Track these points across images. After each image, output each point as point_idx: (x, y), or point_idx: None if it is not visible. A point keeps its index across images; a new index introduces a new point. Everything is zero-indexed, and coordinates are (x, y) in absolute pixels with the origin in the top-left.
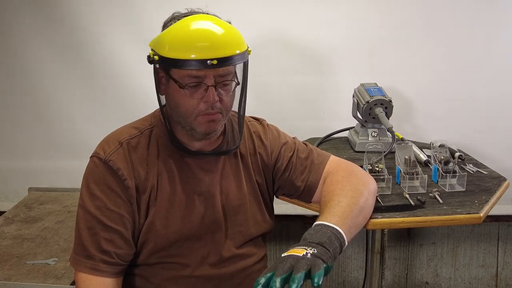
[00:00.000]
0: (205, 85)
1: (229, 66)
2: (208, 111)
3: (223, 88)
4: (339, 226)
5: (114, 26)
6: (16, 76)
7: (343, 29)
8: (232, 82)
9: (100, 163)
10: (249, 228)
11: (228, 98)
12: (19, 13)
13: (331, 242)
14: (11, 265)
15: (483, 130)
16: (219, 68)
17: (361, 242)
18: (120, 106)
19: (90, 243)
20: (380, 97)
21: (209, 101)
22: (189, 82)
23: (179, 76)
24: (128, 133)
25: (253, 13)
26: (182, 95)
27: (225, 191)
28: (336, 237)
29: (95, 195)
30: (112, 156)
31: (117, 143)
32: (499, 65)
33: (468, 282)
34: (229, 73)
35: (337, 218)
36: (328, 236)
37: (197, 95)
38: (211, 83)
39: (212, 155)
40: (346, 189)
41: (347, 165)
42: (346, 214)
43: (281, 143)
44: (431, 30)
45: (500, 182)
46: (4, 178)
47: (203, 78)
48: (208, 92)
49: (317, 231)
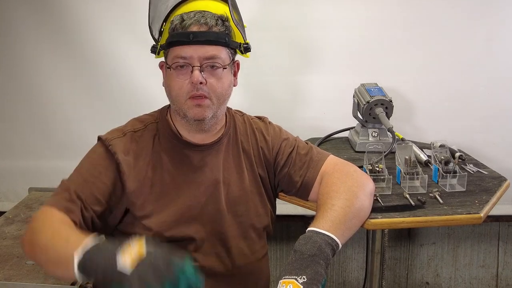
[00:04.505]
0: (190, 66)
1: (213, 49)
2: (194, 92)
3: (210, 71)
4: (332, 232)
5: (113, 26)
6: (16, 77)
7: (344, 29)
8: (221, 67)
9: (101, 146)
10: (251, 219)
11: (216, 83)
12: (17, 13)
13: (321, 251)
14: (11, 265)
15: (484, 130)
16: (204, 49)
17: (362, 242)
18: (121, 106)
19: (73, 192)
20: (380, 97)
21: (193, 81)
22: (176, 62)
23: (170, 58)
24: (132, 125)
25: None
26: (173, 77)
27: (227, 182)
28: (327, 243)
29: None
30: (114, 141)
31: (121, 132)
32: (499, 65)
33: (468, 282)
34: (216, 56)
35: (330, 223)
36: (318, 246)
37: (184, 76)
38: (195, 64)
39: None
40: (341, 191)
41: (343, 166)
42: (339, 219)
43: (282, 139)
44: (431, 30)
45: (500, 182)
46: (4, 178)
47: (189, 60)
48: (193, 72)
49: (307, 241)
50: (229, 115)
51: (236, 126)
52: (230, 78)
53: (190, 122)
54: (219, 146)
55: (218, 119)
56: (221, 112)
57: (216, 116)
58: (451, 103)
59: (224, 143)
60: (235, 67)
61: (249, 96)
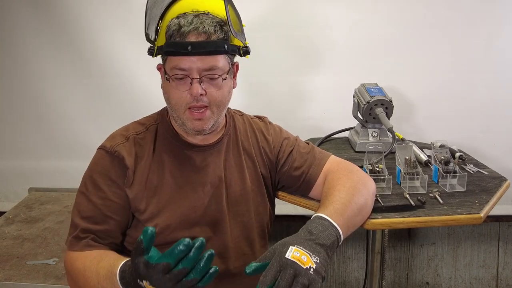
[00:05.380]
0: (190, 78)
1: (212, 59)
2: (194, 103)
3: (210, 82)
4: (340, 227)
5: (114, 27)
6: (16, 77)
7: (344, 29)
8: (220, 77)
9: (106, 154)
10: (251, 218)
11: (216, 92)
12: (18, 13)
13: (333, 246)
14: (11, 265)
15: (484, 130)
16: (203, 61)
17: (362, 242)
18: (121, 106)
19: (86, 226)
20: (380, 97)
21: (193, 93)
22: (175, 74)
23: (169, 68)
24: (134, 129)
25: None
26: (171, 87)
27: (228, 181)
28: (337, 239)
29: (98, 186)
30: (118, 147)
31: (124, 138)
32: (499, 65)
33: (468, 282)
34: (215, 67)
35: (340, 217)
36: (332, 240)
37: (183, 87)
38: (194, 76)
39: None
40: (347, 185)
41: (347, 165)
42: (347, 214)
43: (282, 138)
44: (431, 30)
45: (500, 182)
46: (4, 178)
47: (188, 71)
48: (193, 85)
49: (324, 230)
50: (229, 115)
51: (236, 126)
52: (230, 84)
53: (188, 131)
54: (220, 146)
55: (219, 124)
56: (221, 118)
57: (216, 123)
58: (451, 103)
59: (224, 143)
60: (234, 69)
61: (249, 96)
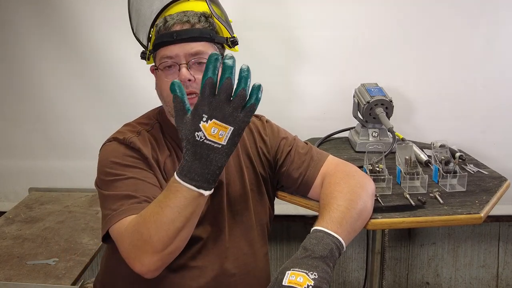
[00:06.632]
0: (177, 65)
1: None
2: None
3: (198, 67)
4: (339, 234)
5: (114, 26)
6: (17, 77)
7: (344, 29)
8: None
9: (120, 144)
10: (250, 218)
11: None
12: (18, 14)
13: (332, 255)
14: (11, 265)
15: (484, 130)
16: (189, 46)
17: (362, 242)
18: (121, 106)
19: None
20: (380, 97)
21: (181, 78)
22: (163, 62)
23: (157, 60)
24: (141, 125)
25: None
26: (162, 78)
27: (227, 181)
28: (336, 247)
29: (126, 165)
30: (132, 139)
31: (135, 132)
32: (499, 65)
33: (468, 282)
34: (201, 51)
35: (337, 225)
36: (330, 249)
37: (172, 76)
38: (182, 62)
39: None
40: (345, 191)
41: (345, 166)
42: (346, 220)
43: (280, 137)
44: (431, 30)
45: (500, 182)
46: (4, 178)
47: (175, 58)
48: (181, 70)
49: (319, 241)
50: None
51: None
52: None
53: None
54: None
55: None
56: None
57: None
58: (451, 103)
59: None
60: None
61: None
